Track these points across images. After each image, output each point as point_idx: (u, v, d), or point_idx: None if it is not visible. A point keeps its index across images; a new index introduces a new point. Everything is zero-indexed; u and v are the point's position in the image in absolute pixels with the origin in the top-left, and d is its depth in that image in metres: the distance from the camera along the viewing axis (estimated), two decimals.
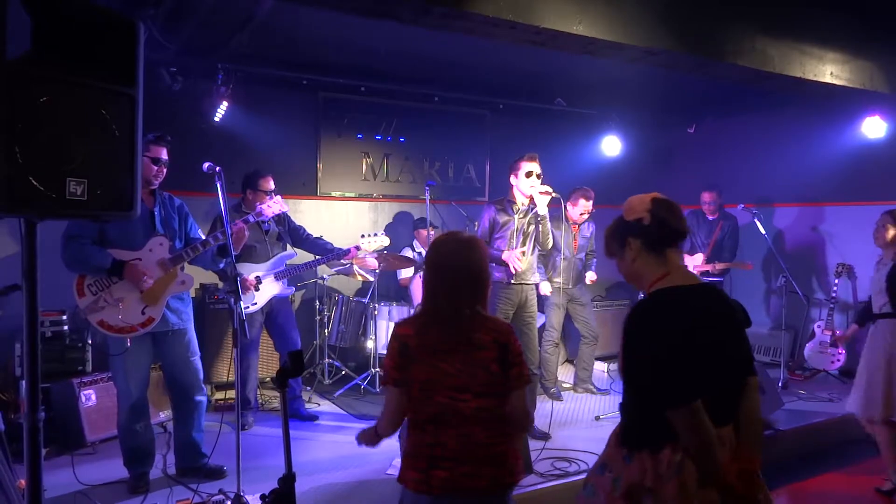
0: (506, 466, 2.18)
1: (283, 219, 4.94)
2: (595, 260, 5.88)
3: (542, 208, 4.43)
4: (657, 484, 1.82)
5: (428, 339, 2.15)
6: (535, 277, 4.65)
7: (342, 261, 5.24)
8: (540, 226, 4.50)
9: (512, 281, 4.47)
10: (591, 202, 5.64)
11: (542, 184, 4.45)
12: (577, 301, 5.73)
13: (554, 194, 4.40)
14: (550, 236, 4.57)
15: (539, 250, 4.63)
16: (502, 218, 4.55)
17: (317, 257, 5.03)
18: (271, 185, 4.80)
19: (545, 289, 5.58)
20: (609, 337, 6.73)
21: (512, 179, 4.55)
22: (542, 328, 5.74)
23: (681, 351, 1.78)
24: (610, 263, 2.15)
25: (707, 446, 1.78)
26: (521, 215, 4.54)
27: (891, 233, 4.07)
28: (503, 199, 4.66)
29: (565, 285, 5.61)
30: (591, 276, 5.77)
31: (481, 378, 2.12)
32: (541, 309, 5.91)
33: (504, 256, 4.44)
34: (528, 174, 4.44)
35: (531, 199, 4.48)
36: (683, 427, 1.78)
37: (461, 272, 2.18)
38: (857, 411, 4.07)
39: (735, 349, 1.94)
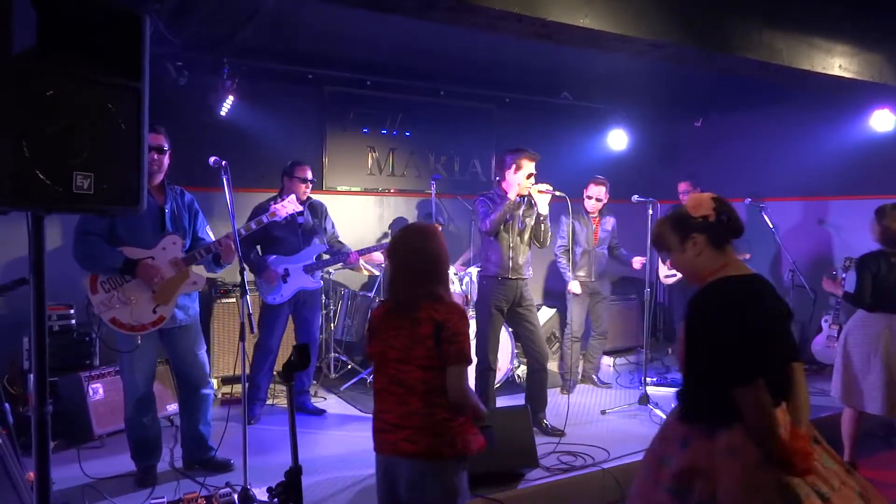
0: (445, 437, 2.29)
1: (321, 213, 4.95)
2: (623, 250, 5.87)
3: (544, 207, 4.35)
4: (711, 464, 1.93)
5: (385, 318, 2.45)
6: (529, 272, 4.57)
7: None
8: (542, 225, 4.42)
9: (509, 276, 4.39)
10: (601, 187, 5.58)
11: (539, 182, 4.34)
12: (598, 295, 5.70)
13: (557, 192, 4.34)
14: (549, 234, 4.52)
15: (537, 247, 4.55)
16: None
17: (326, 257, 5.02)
18: (308, 174, 4.80)
19: (575, 288, 5.51)
20: (616, 332, 6.70)
21: (509, 175, 4.35)
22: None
23: (748, 333, 1.94)
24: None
25: (772, 422, 1.90)
26: (514, 208, 4.41)
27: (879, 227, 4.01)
28: (492, 192, 4.52)
29: (587, 278, 5.58)
30: (638, 260, 5.69)
31: (419, 352, 2.31)
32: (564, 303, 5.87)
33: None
34: (529, 175, 4.32)
35: (524, 195, 4.39)
36: (749, 404, 1.89)
37: (416, 256, 2.42)
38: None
39: (784, 334, 2.09)
